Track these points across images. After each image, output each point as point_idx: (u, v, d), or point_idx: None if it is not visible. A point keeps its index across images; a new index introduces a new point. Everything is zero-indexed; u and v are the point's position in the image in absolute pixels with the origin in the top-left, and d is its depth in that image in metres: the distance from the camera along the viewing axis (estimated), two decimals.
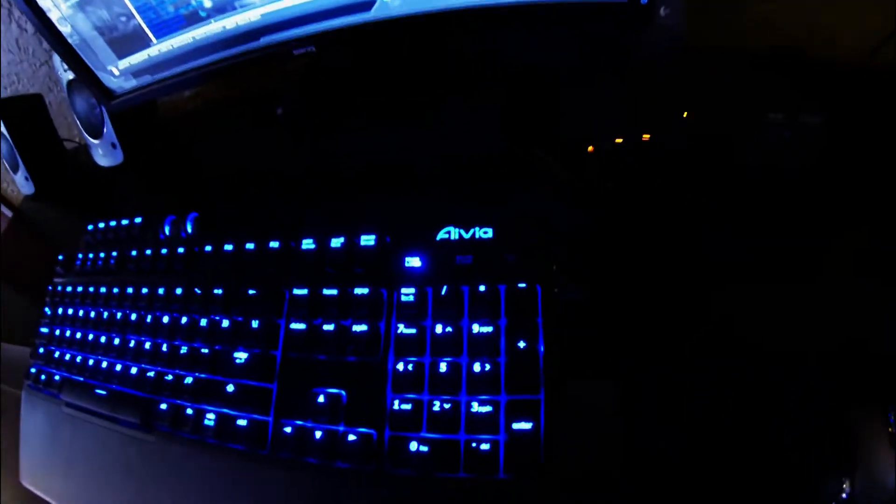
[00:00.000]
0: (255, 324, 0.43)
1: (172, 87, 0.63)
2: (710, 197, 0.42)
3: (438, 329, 0.38)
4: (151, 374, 0.47)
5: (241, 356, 0.43)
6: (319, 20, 0.52)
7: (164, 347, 0.47)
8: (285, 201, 0.51)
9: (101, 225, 0.58)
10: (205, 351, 0.45)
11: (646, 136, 0.45)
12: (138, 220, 0.55)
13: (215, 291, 0.46)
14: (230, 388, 0.42)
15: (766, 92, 0.50)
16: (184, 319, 0.47)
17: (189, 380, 0.45)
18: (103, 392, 0.50)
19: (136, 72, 0.63)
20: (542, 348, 0.36)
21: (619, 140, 0.47)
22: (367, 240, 0.42)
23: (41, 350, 0.57)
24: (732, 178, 0.43)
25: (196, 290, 0.46)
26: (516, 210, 0.42)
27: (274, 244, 0.45)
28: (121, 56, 0.62)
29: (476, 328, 0.37)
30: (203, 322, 0.45)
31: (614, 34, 0.51)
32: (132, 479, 0.46)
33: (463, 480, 0.35)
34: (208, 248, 0.48)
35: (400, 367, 0.38)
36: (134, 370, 0.48)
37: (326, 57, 0.58)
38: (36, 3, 0.56)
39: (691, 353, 0.36)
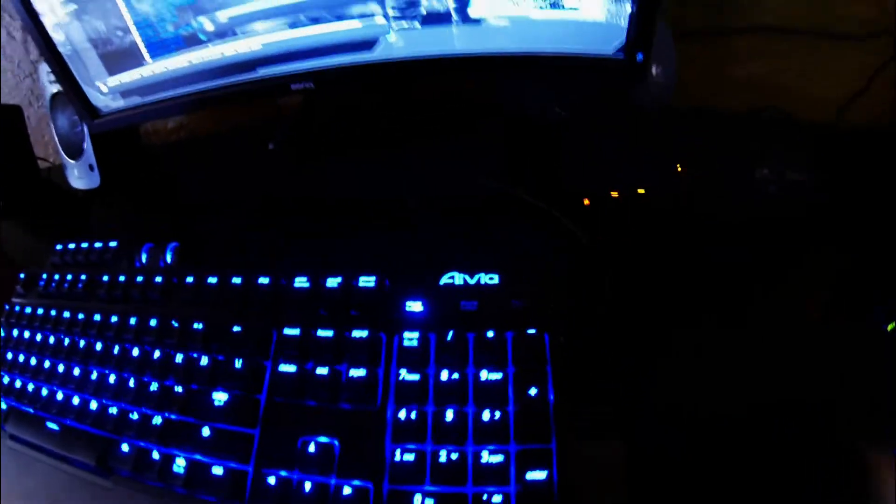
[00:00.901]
0: (238, 363, 0.37)
1: (160, 111, 0.57)
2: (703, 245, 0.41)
3: (444, 376, 0.34)
4: (114, 410, 0.40)
5: (220, 397, 0.37)
6: (320, 56, 0.48)
7: (132, 383, 0.40)
8: (275, 237, 0.46)
9: (72, 246, 0.50)
10: (178, 390, 0.38)
11: (641, 191, 0.43)
12: (113, 244, 0.48)
13: (195, 326, 0.39)
14: (206, 431, 0.36)
15: (751, 147, 0.49)
16: (157, 353, 0.40)
17: (157, 420, 0.38)
18: (55, 427, 0.42)
19: (125, 91, 0.57)
20: (552, 397, 0.33)
21: (614, 194, 0.45)
22: (367, 281, 0.37)
23: None
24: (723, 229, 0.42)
25: (173, 322, 0.40)
26: (522, 256, 0.39)
27: (263, 280, 0.39)
28: (112, 72, 0.56)
29: (485, 375, 0.34)
30: (178, 358, 0.39)
31: (605, 88, 0.49)
32: None
33: None
34: (189, 279, 0.42)
35: (402, 414, 0.33)
36: (94, 405, 0.41)
37: (324, 94, 0.53)
38: (31, 5, 0.50)
39: (696, 403, 0.34)
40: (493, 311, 0.36)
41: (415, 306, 0.37)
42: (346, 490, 0.32)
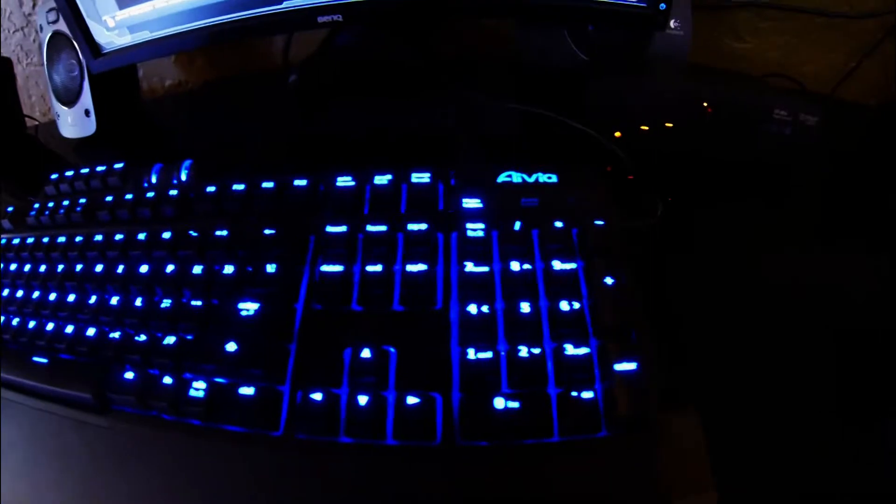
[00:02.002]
0: (270, 268, 0.29)
1: (169, 46, 0.50)
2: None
3: (514, 266, 0.27)
4: (116, 335, 0.31)
5: (248, 308, 0.29)
6: None
7: (138, 302, 0.32)
8: (307, 158, 0.38)
9: (69, 173, 0.41)
10: (196, 303, 0.30)
11: (669, 125, 0.41)
12: (118, 165, 0.39)
13: (218, 233, 0.31)
14: (230, 346, 0.28)
15: (769, 94, 0.45)
16: (170, 267, 0.32)
17: (170, 339, 0.29)
18: (43, 360, 0.33)
19: (134, 25, 0.49)
20: (626, 284, 0.27)
21: (644, 127, 0.40)
22: (421, 177, 0.30)
23: None
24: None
25: (191, 232, 0.32)
26: (573, 166, 0.33)
27: (300, 182, 0.31)
28: (123, 5, 0.48)
29: (557, 265, 0.27)
30: (197, 269, 0.31)
31: (626, 36, 0.45)
32: (71, 479, 0.28)
33: (558, 446, 0.24)
34: (211, 188, 0.34)
35: (472, 309, 0.26)
36: (91, 331, 0.32)
37: (348, 31, 0.47)
38: None
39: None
40: (555, 208, 0.30)
41: (473, 202, 0.30)
42: (411, 401, 0.25)
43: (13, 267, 0.39)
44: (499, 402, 0.24)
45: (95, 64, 0.50)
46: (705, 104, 0.42)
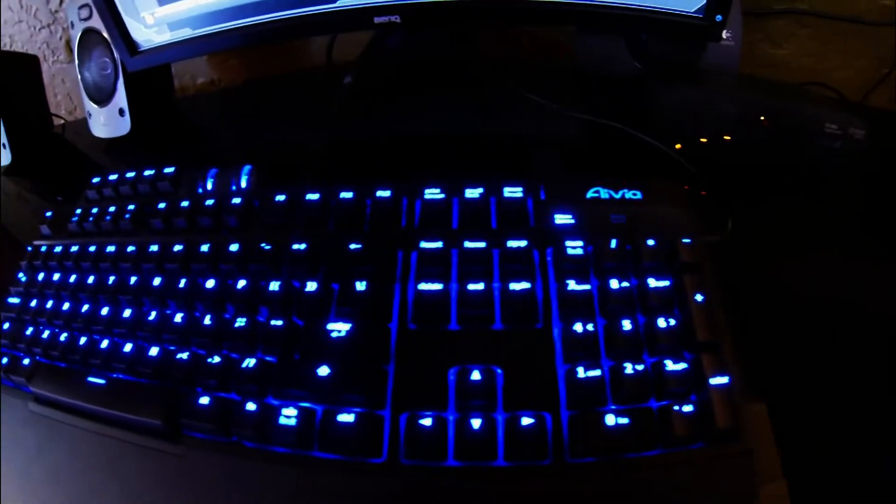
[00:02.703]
0: (360, 286, 0.26)
1: (210, 45, 0.45)
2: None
3: (613, 284, 0.25)
4: (183, 355, 0.27)
5: (339, 328, 0.25)
6: None
7: (207, 320, 0.28)
8: (379, 163, 0.34)
9: (113, 177, 0.37)
10: (276, 323, 0.26)
11: (727, 137, 0.39)
12: (169, 170, 0.35)
13: (295, 247, 0.27)
14: (323, 371, 0.24)
15: (817, 108, 0.44)
16: (240, 283, 0.28)
17: (249, 362, 0.26)
18: (100, 381, 0.29)
19: (174, 22, 0.44)
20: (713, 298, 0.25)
21: (703, 139, 0.39)
22: (513, 192, 0.27)
23: (6, 326, 0.34)
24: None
25: (263, 245, 0.28)
26: (648, 181, 0.30)
27: (383, 193, 0.28)
28: (163, 2, 0.43)
29: (652, 283, 0.26)
30: (273, 286, 0.27)
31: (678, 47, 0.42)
32: None
33: (660, 459, 0.22)
34: (280, 197, 0.30)
35: (578, 328, 0.24)
36: (154, 351, 0.28)
37: (403, 33, 0.43)
38: None
39: None
40: (642, 225, 0.28)
41: (565, 218, 0.27)
42: (526, 421, 0.22)
43: (56, 277, 0.35)
44: (609, 419, 0.22)
45: (132, 62, 0.45)
46: (762, 118, 0.41)
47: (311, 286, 0.27)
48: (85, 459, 0.28)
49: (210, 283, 0.29)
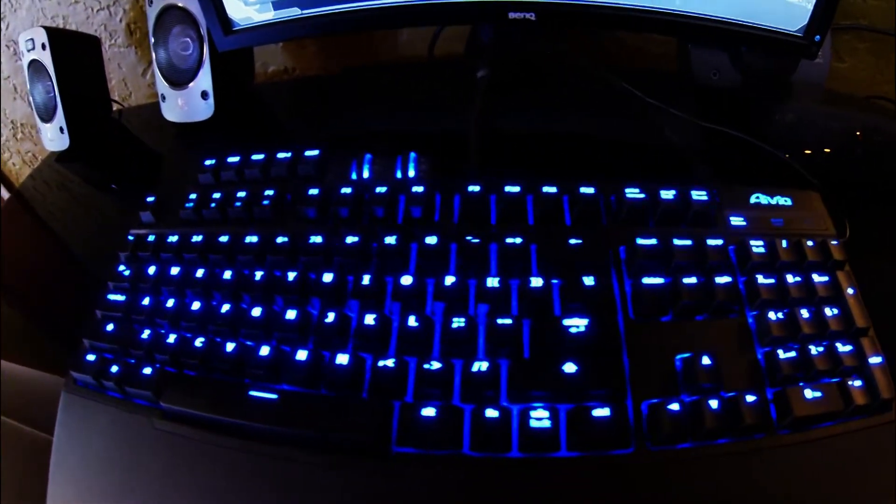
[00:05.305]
0: (588, 281, 0.20)
1: (315, 27, 0.35)
2: None
3: (789, 279, 0.23)
4: (389, 363, 0.19)
5: (577, 324, 0.19)
6: None
7: (413, 321, 0.20)
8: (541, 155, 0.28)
9: (234, 159, 0.27)
10: (505, 322, 0.19)
11: (827, 150, 0.36)
12: (312, 153, 0.26)
13: (510, 240, 0.21)
14: (569, 367, 0.18)
15: None
16: (450, 280, 0.20)
17: (481, 366, 0.19)
18: (269, 396, 0.20)
19: (281, 0, 0.33)
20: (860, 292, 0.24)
21: (808, 151, 0.37)
22: (699, 195, 0.23)
23: (109, 328, 0.22)
24: None
25: (469, 238, 0.21)
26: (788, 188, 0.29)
27: (587, 189, 0.23)
28: None
29: (816, 277, 0.24)
30: (491, 282, 0.20)
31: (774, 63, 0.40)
32: None
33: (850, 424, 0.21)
34: (474, 187, 0.23)
35: (771, 316, 0.22)
36: (343, 359, 0.20)
37: (534, 30, 0.36)
38: None
39: None
40: (795, 228, 0.26)
41: (738, 220, 0.25)
42: (749, 399, 0.20)
43: (175, 271, 0.24)
44: (807, 393, 0.21)
45: (224, 41, 0.34)
46: (858, 132, 0.39)
47: (537, 282, 0.21)
48: (248, 486, 0.19)
49: (407, 280, 0.21)
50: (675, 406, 0.20)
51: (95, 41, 0.42)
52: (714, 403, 0.20)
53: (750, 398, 0.20)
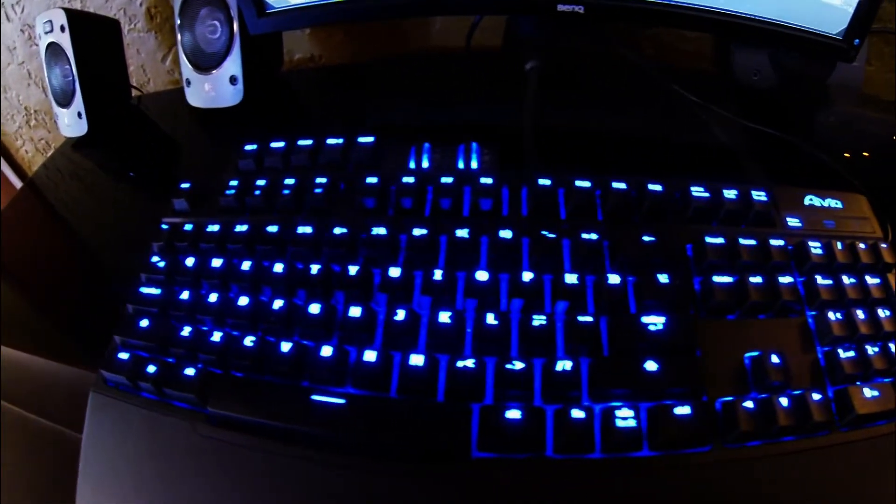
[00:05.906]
0: (662, 278, 0.19)
1: (357, 12, 0.32)
2: None
3: (845, 280, 0.23)
4: (468, 363, 0.18)
5: (655, 321, 0.18)
6: None
7: (492, 319, 0.18)
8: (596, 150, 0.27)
9: (277, 144, 0.24)
10: (585, 319, 0.18)
11: (866, 154, 0.36)
12: (367, 139, 0.24)
13: (585, 236, 0.20)
14: (651, 365, 0.17)
15: None
16: (528, 276, 0.19)
17: (566, 365, 0.17)
18: (335, 402, 0.17)
19: None
20: None
21: (847, 154, 0.35)
22: (759, 195, 0.23)
23: (144, 323, 0.19)
24: None
25: (545, 232, 0.20)
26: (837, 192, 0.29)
27: (655, 187, 0.22)
28: None
29: (869, 279, 0.24)
30: (570, 278, 0.19)
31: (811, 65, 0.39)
32: None
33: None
34: (545, 181, 0.22)
35: (831, 316, 0.22)
36: (418, 360, 0.18)
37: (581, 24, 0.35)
38: None
39: None
40: (846, 230, 0.26)
41: (794, 221, 0.24)
42: (815, 397, 0.20)
43: (218, 263, 0.21)
44: (867, 391, 0.20)
45: (257, 24, 0.30)
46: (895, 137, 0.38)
47: (615, 279, 0.19)
48: (309, 496, 0.17)
49: (483, 276, 0.20)
50: (748, 404, 0.19)
51: (115, 24, 0.38)
52: (784, 401, 0.19)
53: (816, 396, 0.20)
